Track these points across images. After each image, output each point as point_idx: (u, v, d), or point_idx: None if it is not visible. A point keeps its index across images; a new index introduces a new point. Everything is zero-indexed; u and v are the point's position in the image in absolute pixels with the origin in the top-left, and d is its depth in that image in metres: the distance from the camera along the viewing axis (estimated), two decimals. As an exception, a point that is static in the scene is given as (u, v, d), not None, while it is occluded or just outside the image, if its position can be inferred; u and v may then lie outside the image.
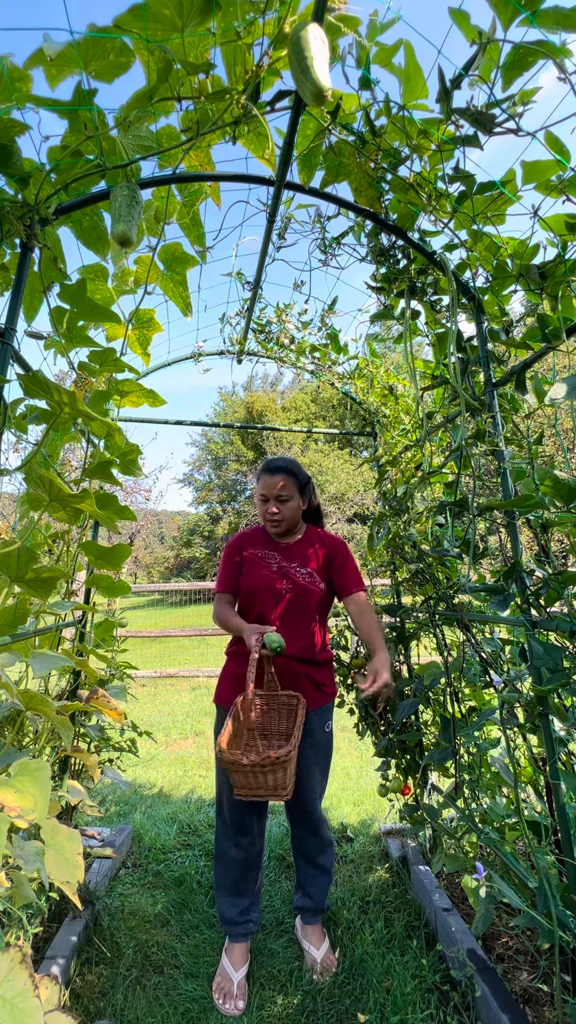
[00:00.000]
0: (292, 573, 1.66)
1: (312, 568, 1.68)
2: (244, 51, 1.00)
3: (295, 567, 1.67)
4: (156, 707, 4.86)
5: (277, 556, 1.70)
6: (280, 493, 1.64)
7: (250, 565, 1.69)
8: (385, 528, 1.97)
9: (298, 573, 1.66)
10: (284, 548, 1.72)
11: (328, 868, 1.71)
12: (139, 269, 1.44)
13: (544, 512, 1.26)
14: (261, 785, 1.35)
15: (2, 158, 1.00)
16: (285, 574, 1.66)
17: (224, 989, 1.49)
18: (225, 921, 1.61)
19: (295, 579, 1.65)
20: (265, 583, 1.64)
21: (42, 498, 1.02)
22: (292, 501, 1.66)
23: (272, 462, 1.69)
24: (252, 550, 1.72)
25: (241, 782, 1.35)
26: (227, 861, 1.62)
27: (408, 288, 1.51)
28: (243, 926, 1.60)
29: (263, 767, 1.31)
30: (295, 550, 1.71)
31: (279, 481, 1.64)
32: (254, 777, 1.34)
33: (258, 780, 1.34)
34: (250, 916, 1.62)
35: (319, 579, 1.67)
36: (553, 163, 1.05)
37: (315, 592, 1.65)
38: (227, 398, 22.91)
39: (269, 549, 1.72)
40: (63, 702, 1.40)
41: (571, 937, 1.10)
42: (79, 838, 0.93)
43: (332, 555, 1.72)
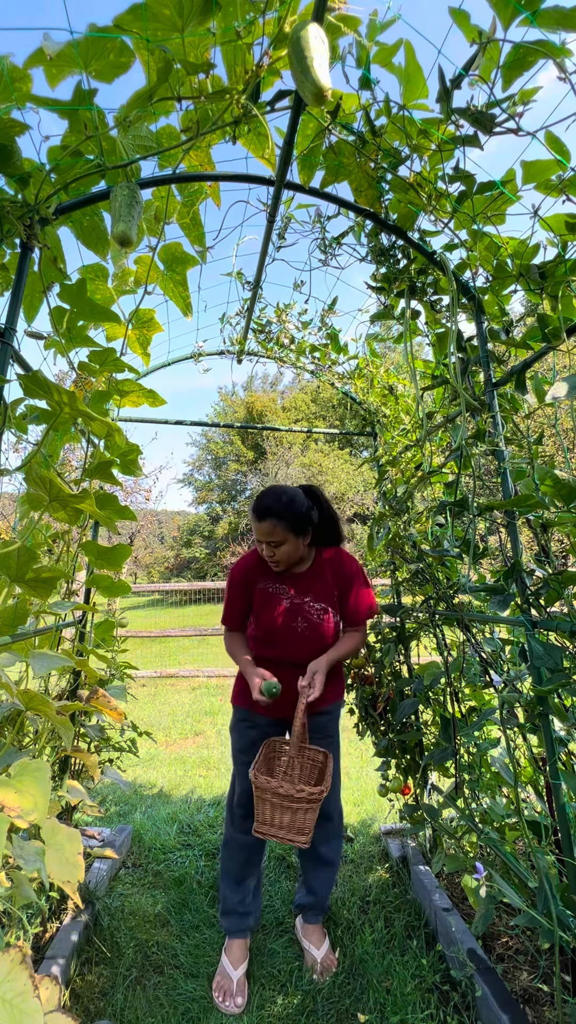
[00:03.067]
0: (306, 610, 1.59)
1: (325, 603, 1.60)
2: (244, 51, 1.00)
3: (308, 602, 1.60)
4: (156, 707, 4.86)
5: (288, 590, 1.61)
6: (271, 539, 1.52)
7: (262, 602, 1.61)
8: (385, 528, 1.97)
9: (312, 609, 1.59)
10: (294, 579, 1.63)
11: (332, 860, 1.71)
12: (139, 269, 1.44)
13: (544, 512, 1.26)
14: (284, 824, 1.36)
15: (2, 158, 1.00)
16: (299, 611, 1.59)
17: (223, 987, 1.49)
18: (227, 911, 1.64)
19: (309, 617, 1.58)
20: (280, 623, 1.58)
21: (42, 498, 1.02)
22: (286, 545, 1.53)
23: (260, 503, 1.53)
24: (262, 584, 1.62)
25: (265, 816, 1.36)
26: (234, 847, 1.67)
27: (408, 288, 1.51)
28: (243, 919, 1.62)
29: (295, 800, 1.33)
30: (306, 581, 1.62)
31: (267, 527, 1.50)
32: (280, 814, 1.35)
33: (283, 818, 1.36)
34: (250, 908, 1.65)
35: (332, 612, 1.61)
36: (553, 163, 1.05)
37: (330, 627, 1.60)
38: (227, 398, 22.91)
39: (278, 581, 1.63)
40: (63, 702, 1.40)
41: (571, 937, 1.10)
42: (79, 838, 0.93)
43: (344, 585, 1.64)
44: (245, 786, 1.65)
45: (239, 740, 1.70)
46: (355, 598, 1.63)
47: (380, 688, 2.06)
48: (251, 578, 1.64)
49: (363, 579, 1.67)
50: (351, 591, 1.64)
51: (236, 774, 1.71)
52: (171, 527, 23.39)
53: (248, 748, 1.67)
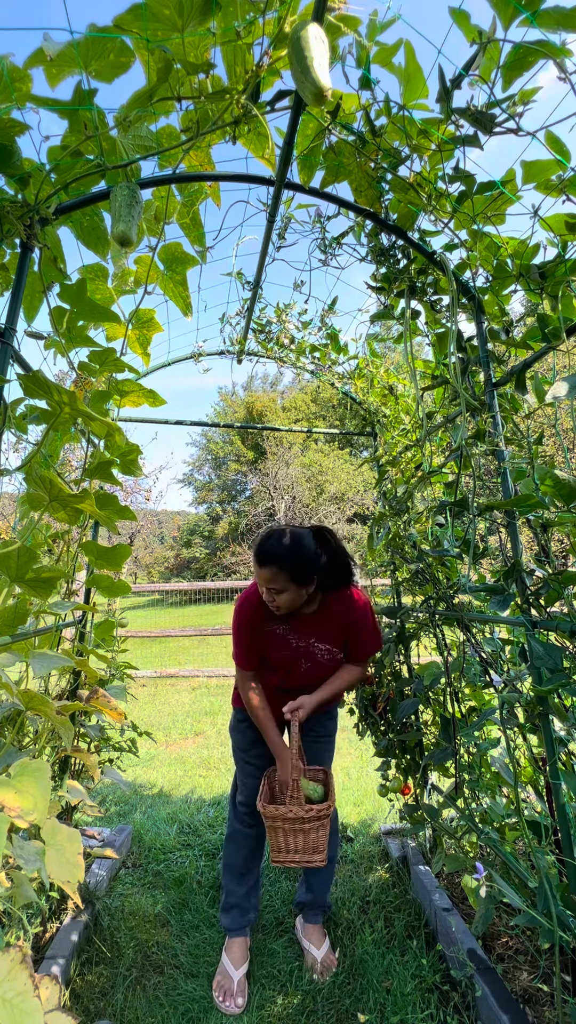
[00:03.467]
0: (312, 651, 1.56)
1: (331, 644, 1.57)
2: (244, 51, 1.00)
3: (314, 643, 1.56)
4: (156, 707, 4.86)
5: (293, 631, 1.56)
6: (270, 586, 1.43)
7: (268, 642, 1.57)
8: (385, 528, 1.97)
9: (318, 650, 1.56)
10: (300, 621, 1.57)
11: (330, 858, 1.73)
12: (139, 269, 1.44)
13: (544, 512, 1.26)
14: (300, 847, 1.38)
15: (2, 158, 1.00)
16: (305, 653, 1.56)
17: (224, 987, 1.49)
18: (229, 906, 1.66)
19: (315, 657, 1.57)
20: (287, 663, 1.57)
21: (42, 498, 1.02)
22: (286, 593, 1.44)
23: (262, 547, 1.43)
24: (270, 625, 1.56)
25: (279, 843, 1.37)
26: (238, 840, 1.70)
27: (408, 288, 1.51)
28: (245, 915, 1.64)
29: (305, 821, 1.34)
30: (312, 624, 1.57)
31: (267, 574, 1.41)
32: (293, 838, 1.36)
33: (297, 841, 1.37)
34: (252, 904, 1.67)
35: (339, 651, 1.59)
36: (553, 163, 1.05)
37: (335, 663, 1.59)
38: (227, 398, 22.92)
39: (286, 623, 1.57)
40: (63, 702, 1.40)
41: (571, 937, 1.10)
42: (79, 838, 0.93)
43: (352, 629, 1.58)
44: (247, 782, 1.68)
45: (240, 739, 1.71)
46: (361, 641, 1.59)
47: (380, 688, 2.06)
48: (258, 620, 1.57)
49: (371, 622, 1.60)
50: (358, 635, 1.58)
51: (239, 771, 1.74)
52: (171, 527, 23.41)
53: (249, 747, 1.69)
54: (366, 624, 1.59)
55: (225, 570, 18.61)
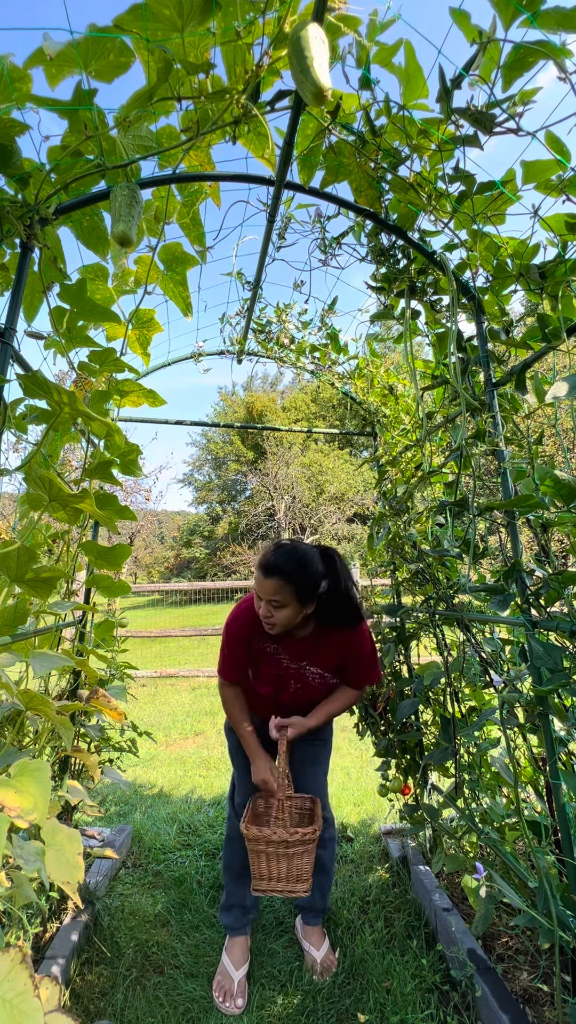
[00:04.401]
0: (303, 674, 1.54)
1: (322, 669, 1.53)
2: (244, 51, 1.00)
3: (305, 666, 1.53)
4: (156, 707, 4.86)
5: (284, 652, 1.52)
6: (272, 598, 1.37)
7: (259, 658, 1.55)
8: (385, 528, 1.97)
9: (309, 674, 1.53)
10: (294, 644, 1.52)
11: (327, 865, 1.71)
12: (139, 269, 1.44)
13: (544, 512, 1.26)
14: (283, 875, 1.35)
15: (2, 158, 1.00)
16: (295, 675, 1.54)
17: (224, 987, 1.49)
18: (230, 906, 1.65)
19: (306, 679, 1.55)
20: (277, 681, 1.55)
21: (42, 498, 1.02)
22: (286, 609, 1.38)
23: (270, 559, 1.37)
24: (260, 642, 1.53)
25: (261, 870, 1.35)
26: (236, 840, 1.68)
27: (408, 288, 1.51)
28: (246, 914, 1.64)
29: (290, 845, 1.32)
30: (306, 648, 1.52)
31: (272, 586, 1.35)
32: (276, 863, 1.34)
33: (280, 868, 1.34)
34: (252, 901, 1.67)
35: (331, 676, 1.55)
36: (553, 163, 1.05)
37: (326, 688, 1.57)
38: (227, 398, 22.93)
39: (277, 643, 1.53)
40: (63, 702, 1.40)
41: (571, 937, 1.10)
42: (79, 838, 0.93)
43: (347, 653, 1.53)
44: (245, 781, 1.67)
45: (236, 740, 1.70)
46: (358, 670, 1.55)
47: (380, 688, 2.06)
48: (252, 634, 1.52)
49: (369, 649, 1.55)
50: (355, 663, 1.54)
51: (236, 771, 1.73)
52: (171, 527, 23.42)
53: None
54: (363, 652, 1.53)
55: (225, 570, 18.61)
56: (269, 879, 1.36)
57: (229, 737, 1.75)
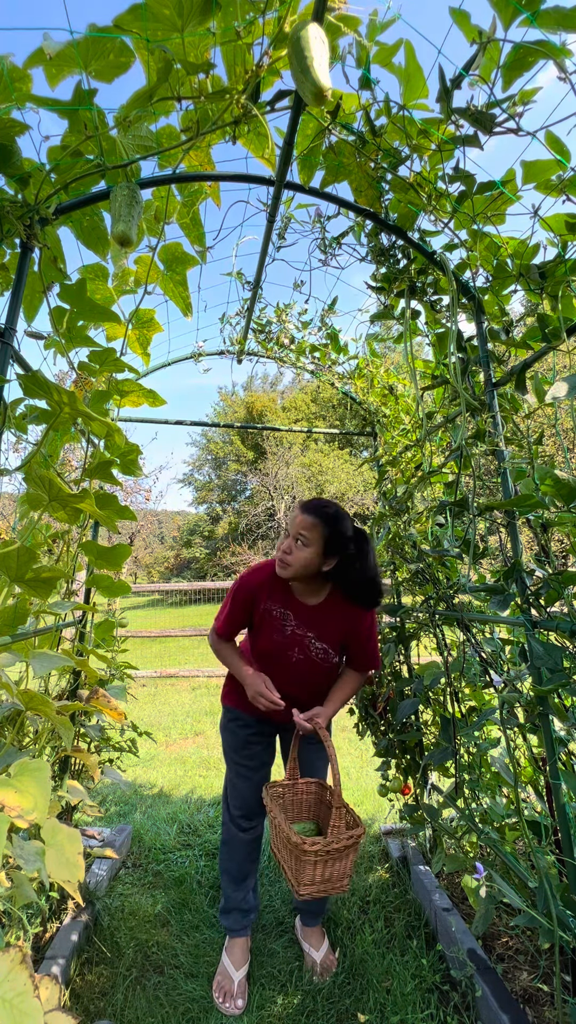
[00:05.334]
0: (306, 644, 1.52)
1: (327, 644, 1.52)
2: (244, 51, 1.00)
3: (310, 637, 1.52)
4: (156, 707, 4.86)
5: (292, 618, 1.52)
6: (300, 532, 1.40)
7: (262, 622, 1.53)
8: (385, 528, 1.97)
9: (312, 646, 1.52)
10: (303, 610, 1.52)
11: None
12: (139, 269, 1.44)
13: (544, 512, 1.26)
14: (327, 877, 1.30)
15: (2, 158, 1.00)
16: (299, 643, 1.52)
17: (224, 988, 1.49)
18: (229, 909, 1.64)
19: (307, 651, 1.52)
20: (276, 650, 1.53)
21: (42, 498, 1.02)
22: (308, 551, 1.40)
23: (312, 502, 1.45)
24: (268, 604, 1.53)
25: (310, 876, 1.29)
26: (234, 845, 1.66)
27: (408, 288, 1.51)
28: (245, 916, 1.63)
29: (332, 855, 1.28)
30: (313, 616, 1.52)
31: (304, 521, 1.40)
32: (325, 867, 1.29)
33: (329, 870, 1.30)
34: (252, 905, 1.66)
35: (334, 653, 1.54)
36: (553, 163, 1.05)
37: (328, 666, 1.55)
38: (227, 398, 22.93)
39: (286, 607, 1.52)
40: (63, 702, 1.40)
41: (571, 937, 1.10)
42: (79, 838, 0.93)
43: (354, 631, 1.53)
44: (239, 785, 1.65)
45: (231, 739, 1.67)
46: (365, 651, 1.56)
47: (380, 688, 2.07)
48: (260, 595, 1.53)
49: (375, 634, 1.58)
50: (362, 643, 1.55)
51: (230, 773, 1.70)
52: (171, 527, 23.41)
53: (241, 747, 1.65)
54: (371, 635, 1.55)
55: (225, 570, 18.60)
56: (314, 883, 1.30)
57: (224, 736, 1.71)
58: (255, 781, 1.65)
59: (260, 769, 1.66)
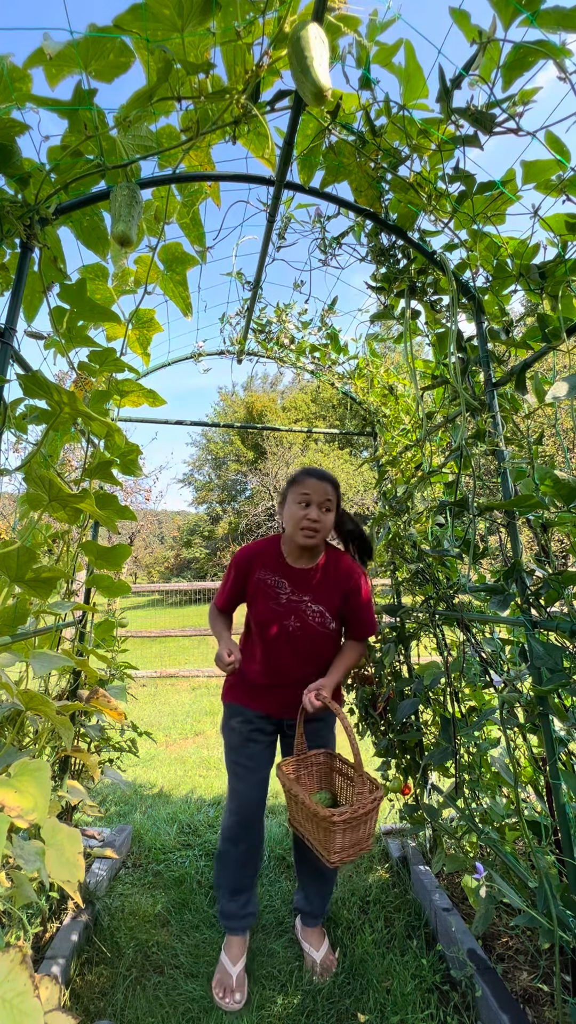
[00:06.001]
0: (302, 610, 1.54)
1: (324, 607, 1.55)
2: (244, 51, 1.00)
3: (306, 602, 1.54)
4: (156, 707, 4.86)
5: (287, 585, 1.55)
6: (326, 500, 1.50)
7: (256, 592, 1.56)
8: (385, 528, 1.97)
9: (308, 611, 1.54)
10: (297, 575, 1.56)
11: (330, 876, 1.69)
12: (139, 269, 1.44)
13: (544, 512, 1.26)
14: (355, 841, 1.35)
15: (2, 158, 1.00)
16: (295, 610, 1.54)
17: (223, 983, 1.49)
18: (226, 916, 1.63)
19: (304, 618, 1.54)
20: (274, 618, 1.54)
21: (42, 498, 1.02)
22: (331, 514, 1.52)
23: (317, 469, 1.54)
24: (261, 573, 1.56)
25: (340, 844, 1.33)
26: (229, 862, 1.62)
27: (408, 288, 1.51)
28: (242, 920, 1.62)
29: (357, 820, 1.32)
30: (308, 580, 1.56)
31: (328, 488, 1.50)
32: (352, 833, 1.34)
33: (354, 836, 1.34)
34: (248, 909, 1.64)
35: (331, 618, 1.55)
36: (553, 163, 1.05)
37: (325, 634, 1.56)
38: (227, 398, 22.93)
39: (280, 575, 1.56)
40: (63, 702, 1.40)
41: (571, 937, 1.10)
42: (79, 838, 0.93)
43: (348, 594, 1.57)
44: (238, 788, 1.60)
45: (232, 737, 1.64)
46: (363, 616, 1.59)
47: (380, 688, 2.06)
48: (253, 565, 1.58)
49: (367, 589, 1.62)
50: (361, 609, 1.59)
51: (230, 775, 1.64)
52: (171, 527, 23.41)
53: (240, 746, 1.61)
54: (364, 595, 1.60)
55: (225, 570, 18.58)
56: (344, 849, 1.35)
57: (224, 735, 1.67)
58: (252, 783, 1.60)
59: (258, 771, 1.62)
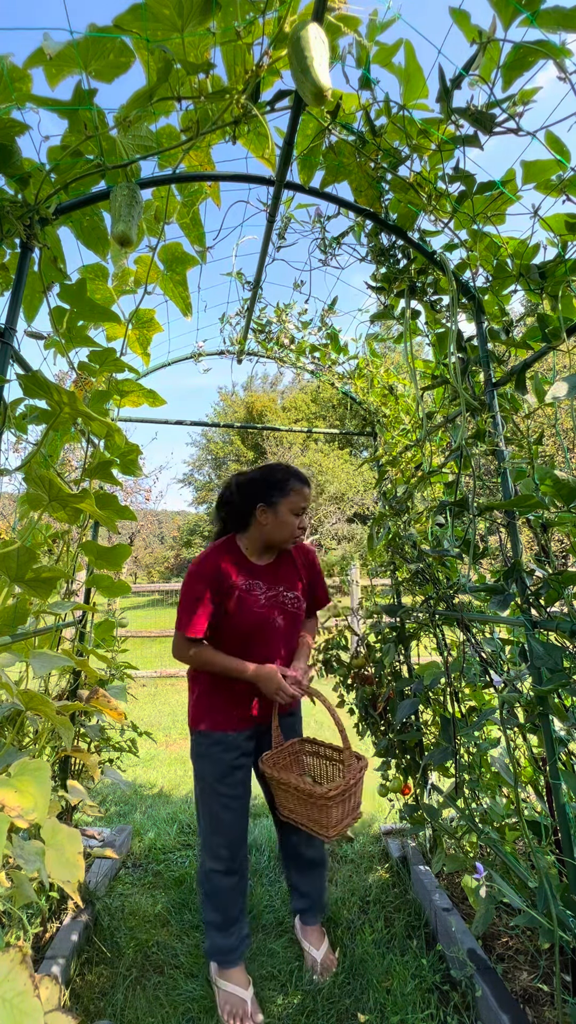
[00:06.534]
0: (282, 600, 1.56)
1: (297, 591, 1.61)
2: (244, 51, 1.00)
3: (282, 591, 1.57)
4: (156, 707, 4.86)
5: (262, 584, 1.55)
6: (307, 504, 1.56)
7: (239, 604, 1.50)
8: (385, 528, 1.97)
9: (286, 599, 1.57)
10: (266, 571, 1.57)
11: (319, 860, 1.67)
12: (139, 269, 1.44)
13: (544, 512, 1.26)
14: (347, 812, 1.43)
15: (2, 158, 1.00)
16: (276, 603, 1.55)
17: (238, 1013, 1.39)
18: (221, 952, 1.49)
19: (285, 607, 1.57)
20: (262, 621, 1.52)
21: (42, 498, 1.02)
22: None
23: (305, 475, 1.56)
24: (236, 581, 1.50)
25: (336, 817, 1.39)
26: (218, 897, 1.52)
27: (408, 288, 1.51)
28: (239, 948, 1.51)
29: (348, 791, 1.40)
30: (276, 571, 1.60)
31: (309, 493, 1.56)
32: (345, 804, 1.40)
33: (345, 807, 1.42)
34: (243, 933, 1.54)
35: (303, 599, 1.63)
36: (553, 163, 1.05)
37: (301, 616, 1.64)
38: (227, 398, 22.93)
39: (252, 576, 1.54)
40: (63, 702, 1.40)
41: (571, 937, 1.10)
42: (79, 838, 0.93)
43: (308, 566, 1.67)
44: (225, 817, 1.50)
45: (214, 769, 1.50)
46: (322, 588, 1.71)
47: (380, 688, 2.06)
48: (223, 578, 1.49)
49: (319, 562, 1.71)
50: (319, 578, 1.70)
51: (211, 806, 1.51)
52: (171, 527, 23.40)
53: (225, 775, 1.50)
54: (319, 568, 1.71)
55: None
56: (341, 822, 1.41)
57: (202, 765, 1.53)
58: (239, 811, 1.53)
59: (244, 796, 1.55)
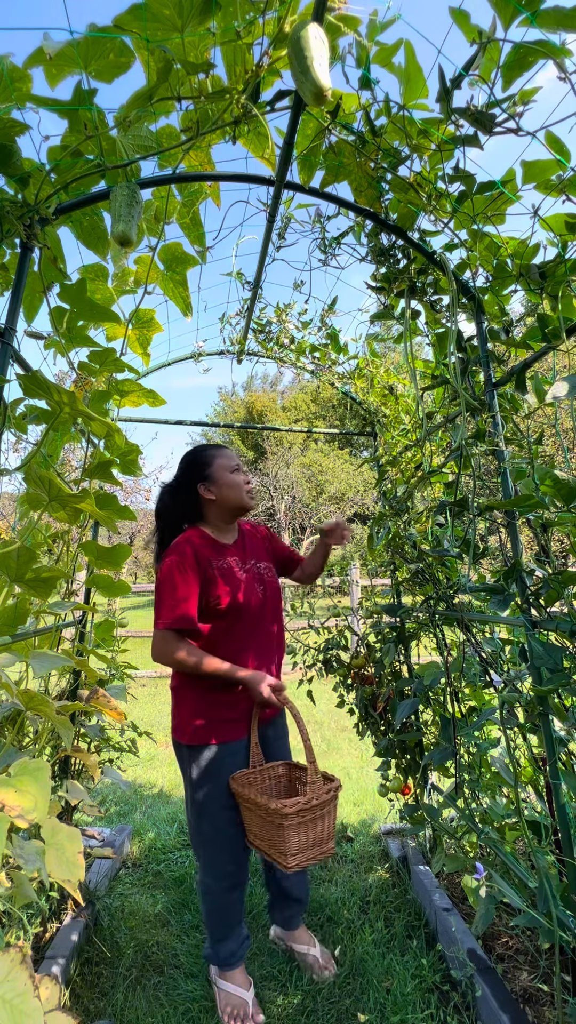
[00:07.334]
0: (259, 572, 1.58)
1: (267, 561, 1.65)
2: (244, 51, 1.00)
3: (255, 564, 1.59)
4: (156, 707, 4.86)
5: (237, 559, 1.55)
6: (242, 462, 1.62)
7: (227, 579, 1.47)
8: (385, 528, 1.97)
9: (260, 568, 1.60)
10: (234, 549, 1.59)
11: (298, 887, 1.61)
12: (139, 269, 1.44)
13: (544, 512, 1.26)
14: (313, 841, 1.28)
15: (2, 158, 1.00)
16: (256, 576, 1.57)
17: (240, 1014, 1.38)
18: (224, 955, 1.46)
19: (263, 577, 1.58)
20: (247, 592, 1.50)
21: (42, 498, 1.02)
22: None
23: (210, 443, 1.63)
24: (218, 561, 1.50)
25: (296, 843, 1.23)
26: (227, 911, 1.48)
27: (408, 288, 1.51)
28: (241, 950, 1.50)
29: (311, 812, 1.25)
30: (243, 547, 1.62)
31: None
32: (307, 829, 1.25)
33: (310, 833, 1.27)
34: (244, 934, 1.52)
35: (275, 567, 1.70)
36: (553, 163, 1.05)
37: (276, 584, 1.66)
38: (227, 398, 22.94)
39: (225, 555, 1.53)
40: (63, 702, 1.40)
41: (571, 937, 1.10)
42: (79, 837, 0.93)
43: (268, 539, 1.75)
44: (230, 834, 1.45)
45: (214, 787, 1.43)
46: (283, 545, 1.79)
47: (380, 688, 2.06)
48: (202, 555, 1.47)
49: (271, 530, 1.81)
50: (278, 544, 1.78)
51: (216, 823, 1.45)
52: (171, 527, 23.36)
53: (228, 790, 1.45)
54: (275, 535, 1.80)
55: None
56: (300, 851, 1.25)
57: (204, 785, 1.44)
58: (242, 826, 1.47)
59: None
